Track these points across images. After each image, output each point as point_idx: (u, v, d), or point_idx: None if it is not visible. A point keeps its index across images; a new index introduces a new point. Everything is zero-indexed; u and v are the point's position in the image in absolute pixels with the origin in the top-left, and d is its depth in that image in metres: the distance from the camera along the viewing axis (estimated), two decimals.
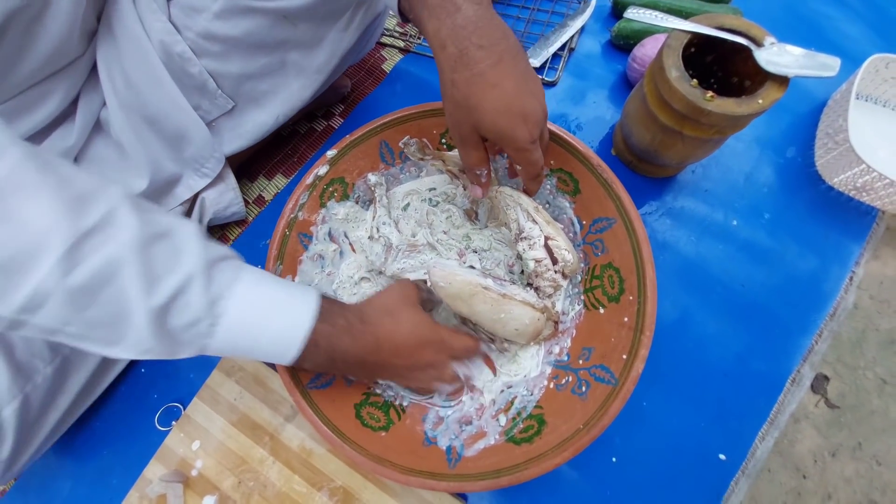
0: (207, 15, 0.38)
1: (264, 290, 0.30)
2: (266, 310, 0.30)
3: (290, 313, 0.31)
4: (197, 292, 0.26)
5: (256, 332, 0.29)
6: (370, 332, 0.34)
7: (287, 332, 0.30)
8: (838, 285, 0.47)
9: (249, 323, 0.29)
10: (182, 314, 0.26)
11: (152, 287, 0.25)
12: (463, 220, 0.47)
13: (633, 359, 0.36)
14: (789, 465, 0.44)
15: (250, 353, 0.30)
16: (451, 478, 0.35)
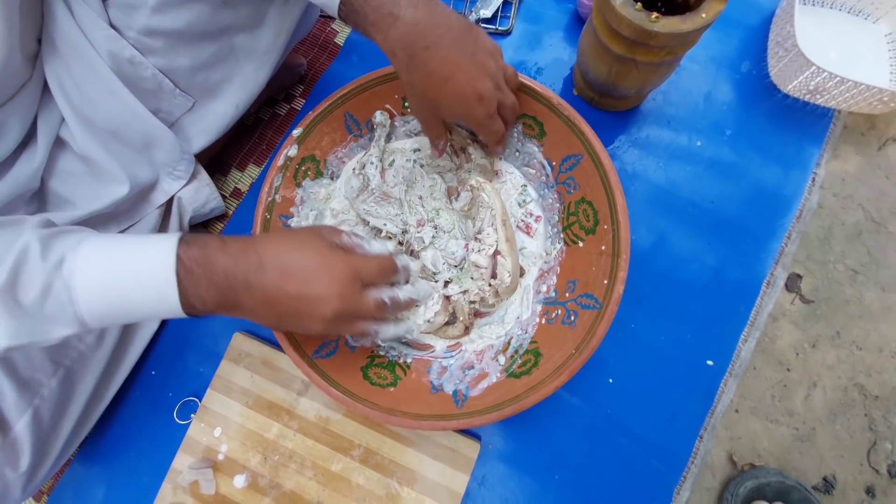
0: (145, 10, 0.38)
1: (115, 243, 0.28)
2: (122, 257, 0.28)
3: (148, 250, 0.28)
4: (35, 260, 0.26)
5: (122, 280, 0.27)
6: (252, 250, 0.30)
7: (154, 268, 0.28)
8: (801, 188, 0.49)
9: (108, 273, 0.27)
10: (29, 286, 0.26)
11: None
12: (442, 195, 0.47)
13: (613, 282, 0.38)
14: (772, 360, 0.47)
15: (129, 308, 0.28)
16: (459, 416, 0.38)
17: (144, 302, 0.28)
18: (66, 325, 0.27)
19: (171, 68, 0.41)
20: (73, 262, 0.27)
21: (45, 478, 0.41)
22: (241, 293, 0.30)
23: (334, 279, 0.32)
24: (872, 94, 0.44)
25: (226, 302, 0.30)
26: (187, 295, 0.29)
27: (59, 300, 0.27)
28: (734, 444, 0.46)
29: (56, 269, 0.27)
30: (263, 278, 0.30)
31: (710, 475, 0.45)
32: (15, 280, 0.26)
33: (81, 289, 0.27)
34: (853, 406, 0.46)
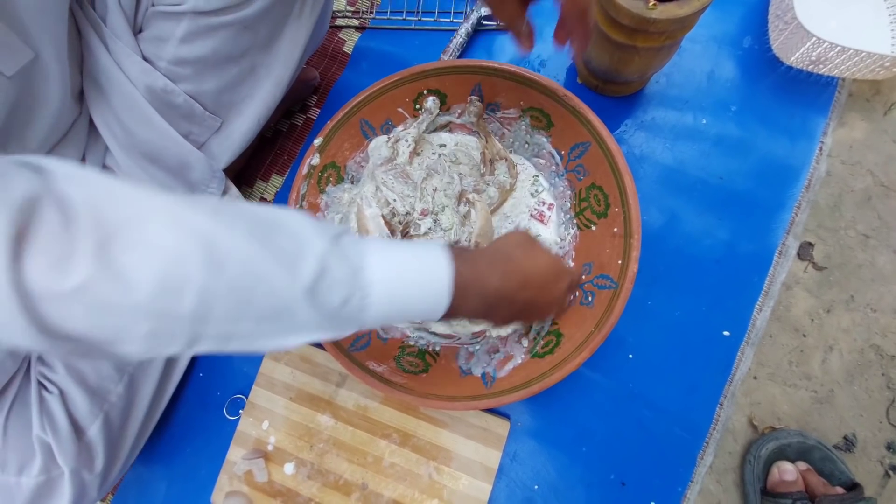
0: (173, 42, 0.40)
1: (393, 253, 0.29)
2: (404, 270, 0.28)
3: (428, 263, 0.29)
4: (338, 267, 0.26)
5: (405, 294, 0.28)
6: (518, 269, 0.34)
7: (434, 281, 0.29)
8: (809, 158, 0.50)
9: (395, 287, 0.28)
10: (333, 292, 0.25)
11: (293, 269, 0.24)
12: (453, 195, 0.49)
13: (627, 261, 0.40)
14: (788, 327, 0.49)
15: (404, 313, 0.29)
16: (489, 396, 0.40)
17: (419, 310, 0.29)
18: (351, 327, 0.28)
19: (199, 92, 0.44)
20: (369, 276, 0.27)
21: (116, 478, 0.45)
22: (504, 306, 0.33)
23: (565, 287, 0.38)
24: (874, 61, 0.45)
25: (485, 314, 0.33)
26: (456, 307, 0.30)
27: (353, 307, 0.26)
28: (754, 409, 0.47)
29: (355, 278, 0.26)
30: (525, 294, 0.34)
31: (731, 440, 0.47)
32: (319, 283, 0.25)
33: (375, 300, 0.27)
34: (870, 367, 0.48)
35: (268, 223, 0.25)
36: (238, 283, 0.23)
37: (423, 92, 0.49)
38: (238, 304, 0.23)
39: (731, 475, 0.47)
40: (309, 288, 0.25)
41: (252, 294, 0.23)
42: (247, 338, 0.25)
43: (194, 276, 0.22)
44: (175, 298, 0.22)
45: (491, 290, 0.32)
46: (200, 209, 0.24)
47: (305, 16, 0.45)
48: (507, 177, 0.48)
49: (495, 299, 0.32)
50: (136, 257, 0.21)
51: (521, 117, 0.49)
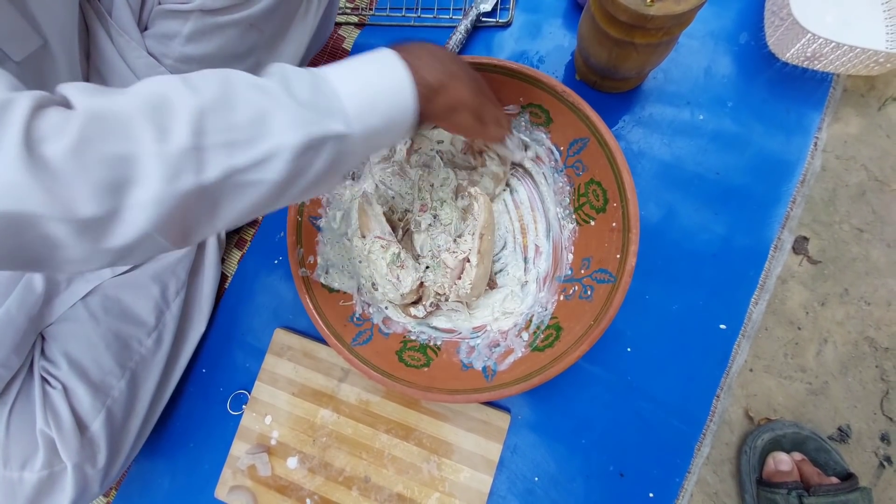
0: (179, 39, 0.41)
1: (343, 62, 0.30)
2: (356, 65, 0.30)
3: (371, 55, 0.31)
4: (294, 70, 0.28)
5: (366, 77, 0.29)
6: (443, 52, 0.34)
7: (383, 59, 0.30)
8: (804, 153, 0.50)
9: (356, 76, 0.29)
10: (300, 85, 0.27)
11: (260, 78, 0.27)
12: (451, 190, 0.50)
13: (625, 255, 0.41)
14: (783, 320, 0.49)
15: (377, 98, 0.29)
16: (490, 388, 0.41)
17: (389, 96, 0.30)
18: (338, 120, 0.28)
19: None
20: (324, 72, 0.29)
21: (118, 473, 0.46)
22: (451, 64, 0.33)
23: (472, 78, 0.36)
24: (869, 57, 0.45)
25: (445, 71, 0.33)
26: (417, 69, 0.31)
27: (326, 94, 0.27)
28: (750, 400, 0.48)
29: (313, 73, 0.28)
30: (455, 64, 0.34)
31: (728, 431, 0.48)
32: (288, 85, 0.26)
33: (338, 83, 0.28)
34: (864, 359, 0.48)
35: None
36: (218, 96, 0.24)
37: None
38: (224, 113, 0.24)
39: (727, 466, 0.47)
40: (279, 85, 0.26)
41: (233, 102, 0.25)
42: (246, 142, 0.25)
43: (178, 100, 0.23)
44: (168, 118, 0.23)
45: (430, 48, 0.33)
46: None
47: (311, 14, 0.45)
48: (500, 166, 0.49)
49: (448, 60, 0.33)
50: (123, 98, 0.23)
51: (520, 113, 0.49)
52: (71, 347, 0.44)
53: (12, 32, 0.33)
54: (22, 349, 0.42)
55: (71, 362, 0.43)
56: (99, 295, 0.46)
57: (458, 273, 0.45)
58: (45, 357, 0.44)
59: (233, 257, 0.57)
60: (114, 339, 0.45)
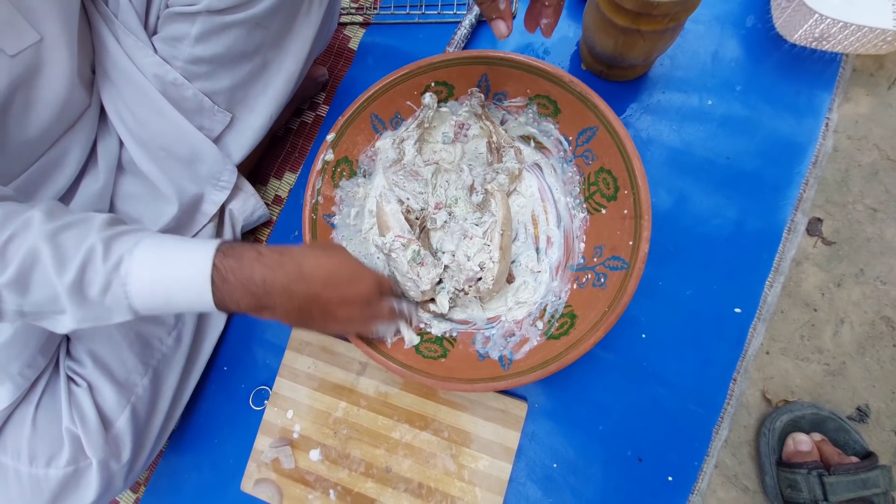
0: (189, 41, 0.42)
1: (165, 246, 0.33)
2: (168, 261, 0.32)
3: (190, 258, 0.33)
4: (98, 261, 0.31)
5: (167, 283, 0.32)
6: (291, 261, 0.35)
7: (193, 276, 0.32)
8: (815, 134, 0.50)
9: (156, 276, 0.32)
10: (93, 283, 0.31)
11: (64, 266, 0.30)
12: (465, 187, 0.50)
13: (638, 241, 0.41)
14: (799, 302, 0.49)
15: (172, 304, 0.33)
16: (507, 377, 0.41)
17: (185, 301, 0.33)
18: (122, 313, 0.32)
19: (213, 90, 0.45)
20: (129, 265, 0.31)
21: (142, 468, 0.47)
22: (279, 298, 0.34)
23: (368, 288, 0.39)
24: (877, 36, 0.45)
25: (260, 306, 0.34)
26: (222, 299, 0.33)
27: (116, 295, 0.31)
28: (767, 383, 0.48)
29: (115, 271, 0.31)
30: (304, 286, 0.35)
31: (746, 413, 0.48)
32: (82, 278, 0.31)
33: (134, 288, 0.32)
34: (881, 338, 0.48)
35: (66, 223, 0.31)
36: (18, 279, 0.30)
37: (430, 84, 0.50)
38: (20, 294, 0.30)
39: (746, 448, 0.48)
40: (73, 283, 0.30)
41: (28, 286, 0.30)
42: (34, 316, 0.32)
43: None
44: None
45: (257, 281, 0.33)
46: (24, 214, 0.31)
47: (314, 12, 0.46)
48: (515, 162, 0.49)
49: (263, 291, 0.33)
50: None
51: (528, 105, 0.49)
52: (96, 347, 0.45)
53: (6, 25, 0.34)
54: (47, 350, 0.43)
55: (96, 361, 0.44)
56: None
57: (477, 271, 0.45)
58: (71, 357, 0.45)
59: None
60: (136, 338, 0.46)
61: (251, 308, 0.34)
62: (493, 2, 0.35)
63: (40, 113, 0.39)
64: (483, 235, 0.46)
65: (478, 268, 0.45)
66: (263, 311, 0.35)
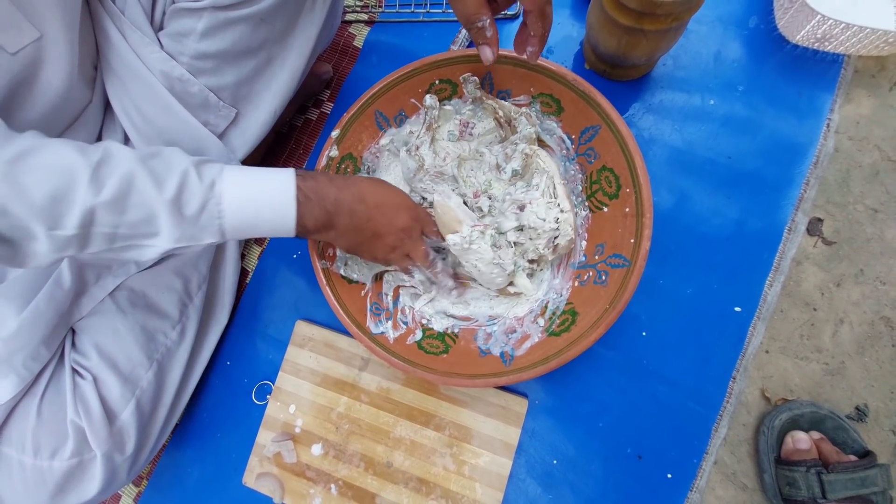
0: (194, 37, 0.42)
1: (249, 172, 0.36)
2: (256, 183, 0.35)
3: (276, 179, 0.36)
4: (194, 182, 0.33)
5: (257, 202, 0.35)
6: (354, 184, 0.40)
7: (280, 194, 0.36)
8: (817, 135, 0.51)
9: (247, 196, 0.35)
10: (191, 201, 0.33)
11: (162, 185, 0.32)
12: (492, 168, 0.50)
13: (639, 239, 0.41)
14: (799, 302, 0.50)
15: (259, 222, 0.35)
16: (509, 373, 0.42)
17: (270, 219, 0.36)
18: (213, 234, 0.34)
19: (219, 86, 0.45)
20: (222, 185, 0.34)
21: (145, 462, 0.47)
22: (343, 216, 0.39)
23: (411, 218, 0.43)
24: (879, 37, 0.45)
25: (329, 223, 0.38)
26: (303, 217, 0.37)
27: (211, 214, 0.34)
28: (766, 382, 0.49)
29: (210, 190, 0.34)
30: (362, 207, 0.40)
31: (745, 412, 0.48)
32: (180, 195, 0.33)
33: (227, 207, 0.34)
34: (880, 338, 0.49)
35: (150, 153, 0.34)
36: (115, 198, 0.31)
37: (434, 82, 0.50)
38: (116, 214, 0.31)
39: (745, 446, 0.48)
40: (173, 199, 0.32)
41: (126, 205, 0.31)
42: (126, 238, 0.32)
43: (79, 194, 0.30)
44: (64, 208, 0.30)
45: (330, 199, 0.38)
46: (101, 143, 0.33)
47: (318, 8, 0.46)
48: (529, 126, 0.48)
49: (334, 208, 0.38)
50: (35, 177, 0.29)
51: (531, 103, 0.50)
52: (101, 339, 0.45)
53: (6, 23, 0.34)
54: (52, 342, 0.43)
55: (101, 353, 0.45)
56: (125, 289, 0.48)
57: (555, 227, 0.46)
58: (76, 349, 0.45)
59: (253, 253, 0.59)
60: (141, 332, 0.47)
61: (322, 226, 0.38)
62: (480, 29, 0.36)
63: (39, 109, 0.39)
64: (542, 194, 0.46)
65: (555, 223, 0.45)
66: (330, 230, 0.39)
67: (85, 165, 0.30)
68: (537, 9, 0.35)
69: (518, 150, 0.48)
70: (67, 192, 0.30)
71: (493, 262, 0.45)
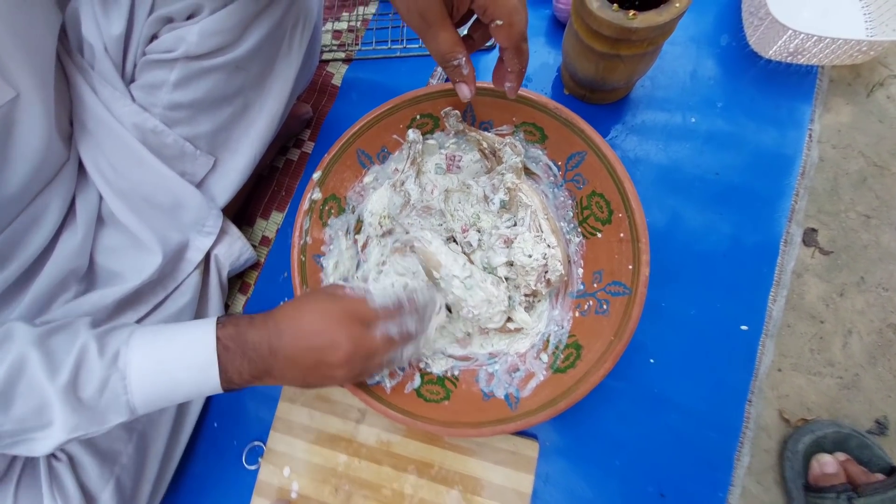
0: (167, 88, 0.41)
1: (161, 331, 0.32)
2: (169, 344, 0.32)
3: (194, 335, 0.32)
4: (93, 358, 0.30)
5: (170, 365, 0.31)
6: (271, 319, 0.34)
7: (199, 353, 0.31)
8: (800, 146, 0.51)
9: (158, 361, 0.31)
10: (89, 382, 0.29)
11: (56, 369, 0.29)
12: (479, 199, 0.48)
13: (638, 265, 0.40)
14: (805, 315, 0.48)
15: (175, 391, 0.31)
16: (516, 418, 0.39)
17: (189, 382, 0.32)
18: (119, 413, 0.31)
19: (195, 135, 0.44)
20: (127, 355, 0.30)
21: None
22: (269, 359, 0.33)
23: (338, 326, 0.34)
24: (851, 47, 0.46)
25: (258, 371, 0.33)
26: (227, 371, 0.32)
27: (114, 392, 0.30)
28: (783, 402, 0.47)
29: (112, 365, 0.30)
30: (282, 341, 0.33)
31: (765, 436, 0.46)
32: (76, 378, 0.29)
33: (135, 379, 0.30)
34: (891, 346, 0.47)
35: (54, 328, 0.31)
36: (5, 389, 0.28)
37: (416, 117, 0.49)
38: (4, 407, 0.28)
39: (770, 474, 0.45)
40: (67, 384, 0.29)
41: (13, 397, 0.28)
42: (10, 435, 0.29)
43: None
44: None
45: (250, 346, 0.33)
46: (26, 323, 0.31)
47: (294, 51, 0.45)
48: (515, 156, 0.47)
49: (259, 358, 0.33)
50: None
51: (514, 132, 0.49)
52: None
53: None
54: None
55: None
56: None
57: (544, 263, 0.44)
58: None
59: (237, 302, 0.56)
60: None
61: (252, 376, 0.33)
62: (456, 67, 0.34)
63: (18, 170, 0.38)
64: (529, 229, 0.45)
65: (542, 259, 0.43)
66: (263, 376, 0.34)
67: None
68: (513, 46, 0.33)
69: (504, 182, 0.47)
70: None
71: (485, 301, 0.43)
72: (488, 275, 0.45)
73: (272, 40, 0.43)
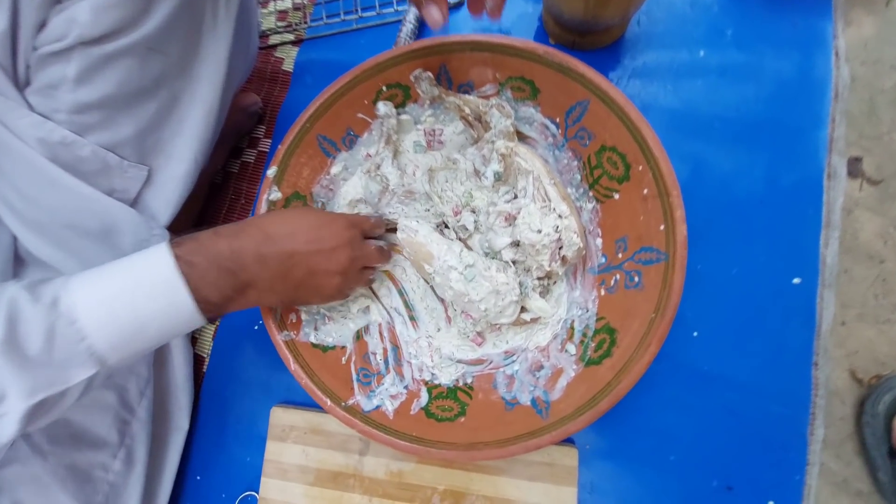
0: (67, 85, 0.33)
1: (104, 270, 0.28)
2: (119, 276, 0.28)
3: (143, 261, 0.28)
4: (27, 307, 0.25)
5: (129, 297, 0.27)
6: (250, 226, 0.32)
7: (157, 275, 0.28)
8: (828, 66, 0.44)
9: (111, 296, 0.27)
10: (30, 335, 0.25)
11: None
12: (469, 176, 0.42)
13: (672, 223, 0.33)
14: (862, 257, 0.42)
15: (143, 324, 0.28)
16: (549, 428, 0.32)
17: (157, 311, 0.28)
18: (82, 364, 0.26)
19: (116, 142, 0.36)
20: (69, 296, 0.26)
21: None
22: (254, 267, 0.31)
23: (342, 229, 0.35)
24: None
25: (239, 283, 0.30)
26: (199, 289, 0.28)
27: (66, 339, 0.26)
28: (852, 360, 0.40)
29: (52, 309, 0.26)
30: (276, 246, 0.32)
31: (839, 402, 0.39)
32: (13, 332, 0.25)
33: (87, 319, 0.26)
34: None
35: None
36: None
37: (382, 89, 0.42)
38: None
39: (849, 444, 0.39)
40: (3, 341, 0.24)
41: None
42: None
43: None
44: None
45: (224, 252, 0.30)
46: None
47: (221, 24, 0.37)
48: (504, 118, 0.40)
49: (236, 264, 0.30)
50: None
51: (500, 92, 0.42)
52: (20, 496, 0.35)
53: None
54: None
55: None
56: None
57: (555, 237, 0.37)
58: None
59: (205, 334, 0.48)
60: (68, 475, 0.36)
61: (232, 289, 0.30)
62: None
63: None
64: (533, 199, 0.37)
65: (554, 232, 0.36)
66: (245, 289, 0.31)
67: None
68: None
69: (496, 149, 0.40)
70: None
71: (493, 292, 0.36)
72: (492, 261, 0.38)
73: (189, 12, 0.35)
